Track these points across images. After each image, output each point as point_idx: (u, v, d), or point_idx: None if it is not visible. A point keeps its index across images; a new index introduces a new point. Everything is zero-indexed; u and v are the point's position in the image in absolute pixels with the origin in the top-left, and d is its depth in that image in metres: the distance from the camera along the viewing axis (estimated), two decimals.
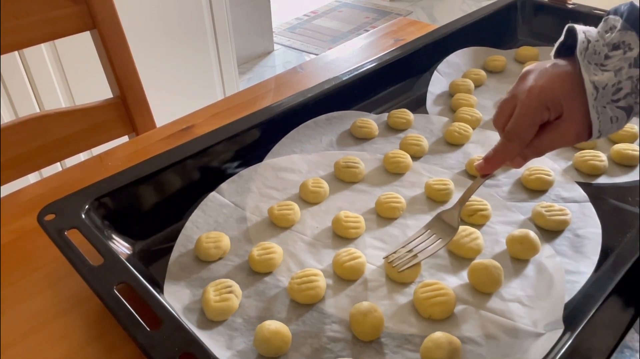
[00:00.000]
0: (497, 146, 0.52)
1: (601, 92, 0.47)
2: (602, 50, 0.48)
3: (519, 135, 0.50)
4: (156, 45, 1.61)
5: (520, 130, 0.50)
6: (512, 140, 0.50)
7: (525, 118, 0.49)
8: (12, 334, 0.51)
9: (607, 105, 0.47)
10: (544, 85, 0.48)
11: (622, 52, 0.48)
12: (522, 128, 0.49)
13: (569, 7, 0.98)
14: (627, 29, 0.48)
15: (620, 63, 0.47)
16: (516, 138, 0.50)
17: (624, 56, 0.47)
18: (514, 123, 0.50)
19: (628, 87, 0.47)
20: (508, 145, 0.51)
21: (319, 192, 0.64)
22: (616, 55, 0.48)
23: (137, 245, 0.58)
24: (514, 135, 0.50)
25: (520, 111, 0.49)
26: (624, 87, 0.47)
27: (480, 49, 0.95)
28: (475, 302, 0.51)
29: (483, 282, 0.52)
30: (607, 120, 0.48)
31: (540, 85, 0.48)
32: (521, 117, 0.49)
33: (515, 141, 0.50)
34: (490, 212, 0.61)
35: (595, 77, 0.47)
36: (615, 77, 0.47)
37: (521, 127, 0.49)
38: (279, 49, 2.88)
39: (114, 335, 0.50)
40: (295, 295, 0.51)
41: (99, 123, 0.93)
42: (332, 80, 0.77)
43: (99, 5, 0.86)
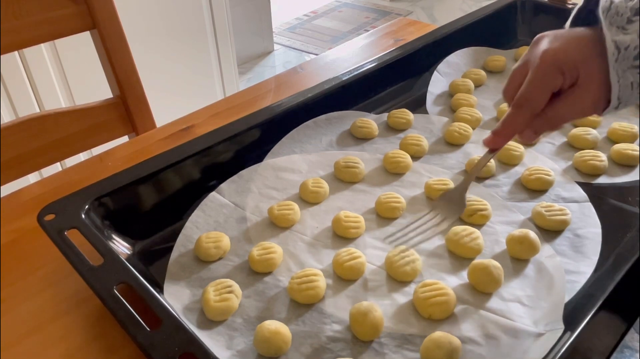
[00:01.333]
0: (506, 116, 0.49)
1: (623, 53, 0.43)
2: (625, 12, 0.45)
3: (530, 102, 0.46)
4: (156, 45, 1.61)
5: (531, 95, 0.46)
6: (522, 107, 0.47)
7: (537, 82, 0.46)
8: (12, 334, 0.51)
9: (628, 69, 0.44)
10: (559, 48, 0.45)
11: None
12: (534, 93, 0.46)
13: (569, 7, 0.98)
14: None
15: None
16: (526, 104, 0.46)
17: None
18: (525, 89, 0.46)
19: None
20: (517, 113, 0.47)
21: (319, 192, 0.64)
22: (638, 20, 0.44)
23: (137, 245, 0.58)
24: (523, 101, 0.46)
25: (532, 76, 0.46)
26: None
27: (480, 49, 0.95)
28: (475, 302, 0.51)
29: (483, 282, 0.52)
30: (628, 84, 0.44)
31: (555, 47, 0.45)
32: (533, 81, 0.46)
33: (526, 108, 0.47)
34: (490, 212, 0.61)
35: (617, 37, 0.44)
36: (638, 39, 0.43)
37: (532, 92, 0.46)
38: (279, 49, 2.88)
39: (114, 335, 0.50)
40: (295, 295, 0.51)
41: (99, 123, 0.93)
42: (332, 80, 0.78)
43: (99, 5, 0.86)
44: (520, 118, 0.47)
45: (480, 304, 0.51)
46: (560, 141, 0.74)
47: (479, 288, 0.52)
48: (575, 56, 0.45)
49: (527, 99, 0.46)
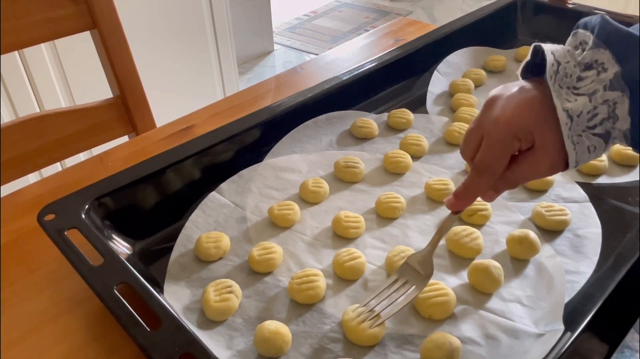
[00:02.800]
0: (467, 181, 0.48)
1: (576, 121, 0.43)
2: (573, 72, 0.45)
3: (489, 168, 0.46)
4: (156, 45, 1.61)
5: (489, 162, 0.46)
6: (482, 174, 0.47)
7: (494, 149, 0.45)
8: (12, 334, 0.51)
9: (583, 133, 0.43)
10: (511, 115, 0.44)
11: (595, 72, 0.43)
12: (492, 161, 0.46)
13: (569, 7, 0.98)
14: (600, 46, 0.44)
15: (594, 86, 0.43)
16: (486, 171, 0.46)
17: (598, 77, 0.43)
18: (483, 156, 0.46)
19: (604, 111, 0.42)
20: (478, 179, 0.47)
21: (319, 192, 0.64)
22: (589, 76, 0.44)
23: (137, 245, 0.58)
24: (483, 168, 0.46)
25: (487, 142, 0.46)
26: (599, 112, 0.42)
27: (480, 48, 0.95)
28: (475, 302, 0.51)
29: (483, 282, 0.52)
30: (584, 149, 0.44)
31: (508, 114, 0.44)
32: (489, 148, 0.46)
33: (486, 175, 0.46)
34: (490, 212, 0.61)
35: (568, 104, 0.43)
36: (590, 102, 0.43)
37: (490, 159, 0.46)
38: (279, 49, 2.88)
39: (114, 335, 0.50)
40: (295, 295, 0.51)
41: (99, 123, 0.93)
42: (332, 80, 0.77)
43: (99, 5, 0.86)
44: (482, 183, 0.47)
45: (480, 304, 0.51)
46: None
47: (479, 288, 0.52)
48: (528, 123, 0.44)
49: (487, 166, 0.46)
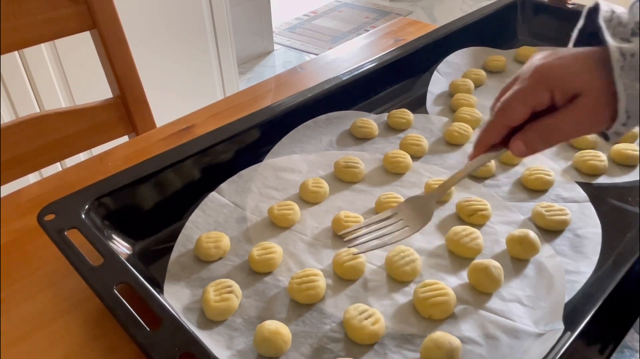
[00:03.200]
0: (485, 124, 0.46)
1: (629, 61, 0.39)
2: (629, 23, 0.42)
3: (505, 112, 0.43)
4: (156, 45, 1.61)
5: (508, 105, 0.43)
6: (497, 115, 0.44)
7: (519, 94, 0.42)
8: (12, 334, 0.51)
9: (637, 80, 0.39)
10: (551, 63, 0.41)
11: None
12: (512, 104, 0.43)
13: (569, 7, 0.98)
14: None
15: None
16: (501, 114, 0.43)
17: None
18: (505, 98, 0.44)
19: None
20: (491, 122, 0.44)
21: (319, 192, 0.64)
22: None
23: (137, 245, 0.58)
24: (499, 110, 0.44)
25: (516, 87, 0.43)
26: None
27: (480, 48, 0.95)
28: (475, 302, 0.51)
29: (483, 282, 0.52)
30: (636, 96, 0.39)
31: (547, 62, 0.42)
32: (515, 93, 0.43)
33: (500, 118, 0.44)
34: (490, 212, 0.61)
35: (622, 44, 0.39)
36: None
37: (511, 102, 0.43)
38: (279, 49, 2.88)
39: (114, 335, 0.50)
40: (295, 295, 0.51)
41: (99, 123, 0.93)
42: (332, 80, 0.77)
43: (99, 5, 0.86)
44: (493, 126, 0.45)
45: (480, 304, 0.51)
46: None
47: (479, 288, 0.52)
48: (570, 71, 0.41)
49: (503, 109, 0.43)
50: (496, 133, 0.44)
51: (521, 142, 0.44)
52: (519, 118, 0.43)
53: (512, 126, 0.44)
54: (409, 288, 0.53)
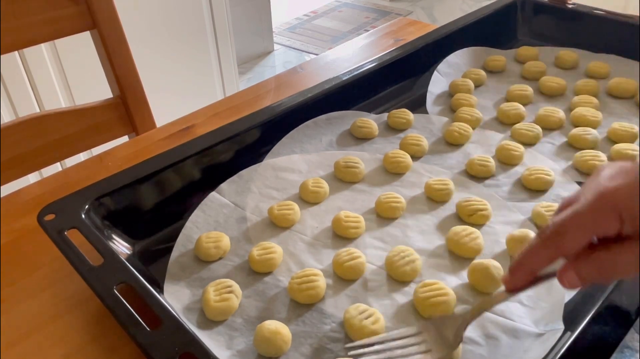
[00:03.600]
0: (528, 246, 0.38)
1: None
2: None
3: (561, 237, 0.35)
4: (156, 45, 1.61)
5: (565, 229, 0.35)
6: (549, 240, 0.36)
7: (580, 220, 0.35)
8: (12, 334, 0.51)
9: None
10: (621, 187, 0.34)
11: None
12: (570, 228, 0.35)
13: (569, 7, 0.98)
14: None
15: None
16: (555, 239, 0.36)
17: None
18: (562, 219, 0.35)
19: None
20: (541, 246, 0.36)
21: (319, 192, 0.64)
22: None
23: (137, 245, 0.58)
24: (553, 233, 0.36)
25: (576, 210, 0.35)
26: None
27: (480, 48, 0.95)
28: (475, 302, 0.51)
29: (483, 282, 0.52)
30: None
31: (616, 185, 0.34)
32: (574, 217, 0.35)
33: (553, 243, 0.36)
34: (490, 212, 0.61)
35: None
36: None
37: (569, 226, 0.35)
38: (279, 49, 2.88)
39: (114, 335, 0.50)
40: (295, 295, 0.51)
41: (99, 123, 0.93)
42: (332, 80, 0.78)
43: (99, 5, 0.86)
44: (543, 253, 0.37)
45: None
46: (560, 141, 0.74)
47: (479, 288, 0.52)
48: None
49: (559, 233, 0.35)
50: (545, 260, 0.37)
51: (574, 274, 0.37)
52: (577, 247, 0.36)
53: (565, 255, 0.37)
54: (409, 288, 0.53)
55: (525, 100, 0.82)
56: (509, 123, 0.78)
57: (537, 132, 0.74)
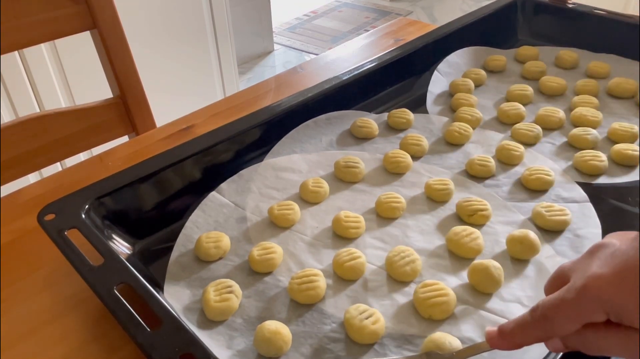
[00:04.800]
0: (519, 319, 0.38)
1: None
2: None
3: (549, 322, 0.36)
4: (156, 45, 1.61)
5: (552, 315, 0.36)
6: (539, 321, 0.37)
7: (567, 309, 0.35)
8: (12, 334, 0.51)
9: None
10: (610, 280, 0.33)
11: None
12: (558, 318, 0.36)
13: (569, 6, 0.98)
14: None
15: None
16: (544, 322, 0.36)
17: None
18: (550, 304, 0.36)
19: None
20: (531, 324, 0.37)
21: (319, 192, 0.64)
22: None
23: (137, 245, 0.58)
24: (542, 316, 0.36)
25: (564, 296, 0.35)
26: None
27: (481, 48, 0.95)
28: (476, 302, 0.51)
29: (483, 282, 0.52)
30: None
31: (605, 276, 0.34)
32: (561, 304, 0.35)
33: (541, 326, 0.37)
34: (490, 212, 0.61)
35: None
36: None
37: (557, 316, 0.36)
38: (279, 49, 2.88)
39: (114, 335, 0.50)
40: (295, 295, 0.51)
41: (99, 123, 0.93)
42: (332, 80, 0.77)
43: (99, 5, 0.86)
44: (532, 333, 0.38)
45: (480, 304, 0.51)
46: (560, 141, 0.74)
47: (479, 289, 0.52)
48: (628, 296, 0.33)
49: (547, 318, 0.36)
50: (534, 339, 0.38)
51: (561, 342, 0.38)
52: (564, 334, 0.36)
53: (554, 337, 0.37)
54: (409, 289, 0.53)
55: (525, 100, 0.82)
56: (509, 123, 0.78)
57: (537, 132, 0.74)
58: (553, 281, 0.40)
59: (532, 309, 0.38)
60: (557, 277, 0.39)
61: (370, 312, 0.48)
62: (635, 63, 0.89)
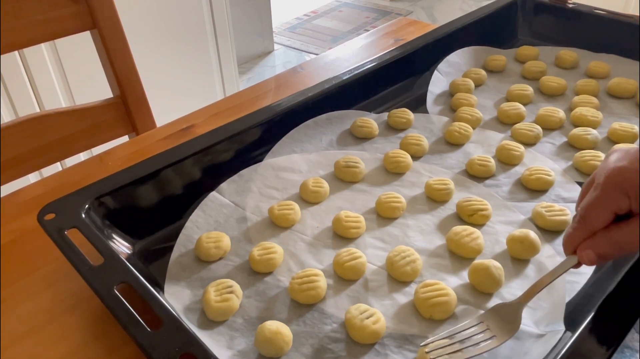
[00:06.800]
0: (566, 230, 0.46)
1: None
2: None
3: (583, 219, 0.43)
4: (156, 45, 1.61)
5: (588, 215, 0.42)
6: (577, 223, 0.43)
7: (595, 200, 0.42)
8: (12, 334, 0.51)
9: None
10: (625, 167, 0.40)
11: None
12: (592, 213, 0.42)
13: (570, 6, 0.98)
14: None
15: None
16: (581, 222, 0.43)
17: None
18: (583, 206, 0.43)
19: None
20: (572, 229, 0.44)
21: (319, 192, 0.64)
22: None
23: (138, 245, 0.58)
24: (579, 218, 0.43)
25: (592, 194, 0.42)
26: None
27: (481, 48, 0.95)
28: (476, 302, 0.51)
29: (483, 282, 0.52)
30: None
31: (620, 166, 0.40)
32: (591, 198, 0.42)
33: (580, 225, 0.43)
34: (491, 212, 0.61)
35: None
36: None
37: (590, 212, 0.42)
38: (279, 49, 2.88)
39: (114, 335, 0.50)
40: (295, 295, 0.51)
41: (99, 123, 0.93)
42: (332, 80, 0.77)
43: (99, 5, 0.86)
44: (577, 234, 0.44)
45: (480, 304, 0.51)
46: (561, 141, 0.74)
47: (480, 289, 0.52)
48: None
49: (584, 217, 0.43)
50: (580, 239, 0.44)
51: (591, 251, 0.43)
52: (602, 225, 0.42)
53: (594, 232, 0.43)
54: (409, 288, 0.53)
55: (525, 100, 0.82)
56: (509, 123, 0.78)
57: (537, 131, 0.74)
58: (585, 189, 0.45)
59: (573, 217, 0.44)
60: (588, 185, 0.45)
61: (371, 312, 0.48)
62: (635, 63, 0.89)
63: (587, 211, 0.42)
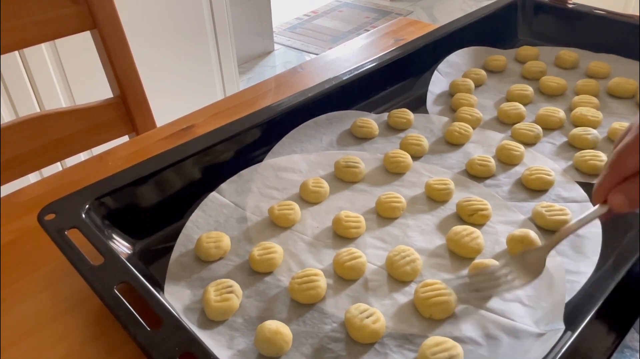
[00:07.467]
0: (601, 174, 0.46)
1: None
2: None
3: (619, 163, 0.43)
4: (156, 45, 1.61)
5: (621, 157, 0.43)
6: (613, 167, 0.44)
7: (629, 146, 0.42)
8: (12, 334, 0.51)
9: None
10: None
11: None
12: (624, 155, 0.43)
13: (570, 7, 0.98)
14: None
15: None
16: (615, 165, 0.43)
17: None
18: (616, 152, 0.44)
19: None
20: (609, 172, 0.44)
21: (319, 192, 0.64)
22: None
23: (138, 245, 0.58)
24: (614, 162, 0.44)
25: (626, 139, 0.43)
26: None
27: (481, 48, 0.95)
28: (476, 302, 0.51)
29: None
30: None
31: None
32: (625, 145, 0.43)
33: (613, 171, 0.44)
34: (491, 212, 0.61)
35: None
36: None
37: (623, 154, 0.43)
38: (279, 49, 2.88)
39: (114, 335, 0.50)
40: (295, 295, 0.51)
41: (99, 123, 0.93)
42: (332, 80, 0.77)
43: (99, 5, 0.86)
44: (610, 177, 0.44)
45: (481, 303, 0.51)
46: (561, 141, 0.74)
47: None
48: None
49: (617, 161, 0.43)
50: (613, 182, 0.44)
51: (622, 194, 0.43)
52: (634, 169, 0.43)
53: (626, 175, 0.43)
54: (409, 288, 0.53)
55: (525, 100, 0.82)
56: (509, 123, 0.78)
57: (537, 131, 0.74)
58: (620, 138, 0.46)
59: (608, 160, 0.45)
60: (623, 134, 0.46)
61: (371, 312, 0.48)
62: (635, 63, 0.89)
63: (620, 155, 0.43)
